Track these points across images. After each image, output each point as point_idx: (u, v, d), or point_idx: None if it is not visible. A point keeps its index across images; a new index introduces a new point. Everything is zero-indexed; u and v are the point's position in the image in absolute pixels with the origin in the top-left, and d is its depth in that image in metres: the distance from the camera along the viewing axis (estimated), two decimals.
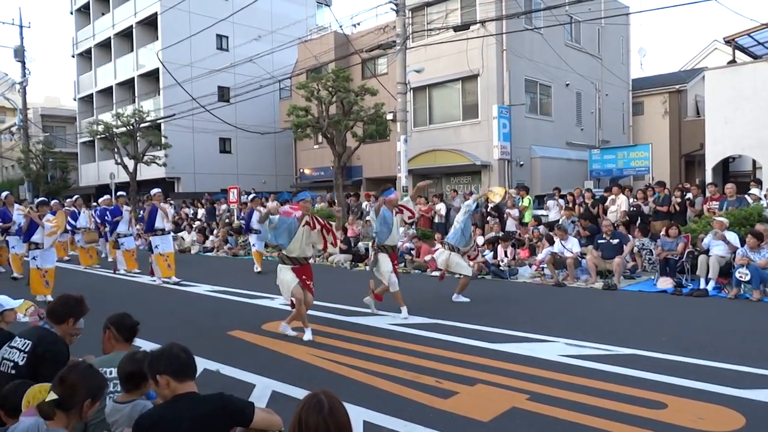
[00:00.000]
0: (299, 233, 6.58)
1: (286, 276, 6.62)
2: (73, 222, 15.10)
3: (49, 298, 9.07)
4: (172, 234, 12.55)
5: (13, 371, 3.14)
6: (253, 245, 13.46)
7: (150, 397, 2.90)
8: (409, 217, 8.20)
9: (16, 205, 12.86)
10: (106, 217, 14.07)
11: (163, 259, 11.43)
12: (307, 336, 6.53)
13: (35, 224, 9.66)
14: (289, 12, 33.12)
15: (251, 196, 14.28)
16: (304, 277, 6.63)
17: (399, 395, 4.71)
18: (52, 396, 2.43)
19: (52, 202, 13.53)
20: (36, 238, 9.69)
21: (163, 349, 2.63)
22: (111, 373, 3.01)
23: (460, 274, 8.91)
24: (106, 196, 15.92)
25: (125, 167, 27.11)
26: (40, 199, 10.38)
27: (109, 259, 15.60)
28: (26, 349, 3.21)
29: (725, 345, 6.07)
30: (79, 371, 2.54)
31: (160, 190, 12.39)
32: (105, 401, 2.93)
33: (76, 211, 15.45)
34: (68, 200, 18.02)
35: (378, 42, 19.07)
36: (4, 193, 13.26)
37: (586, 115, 23.19)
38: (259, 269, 12.94)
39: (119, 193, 14.76)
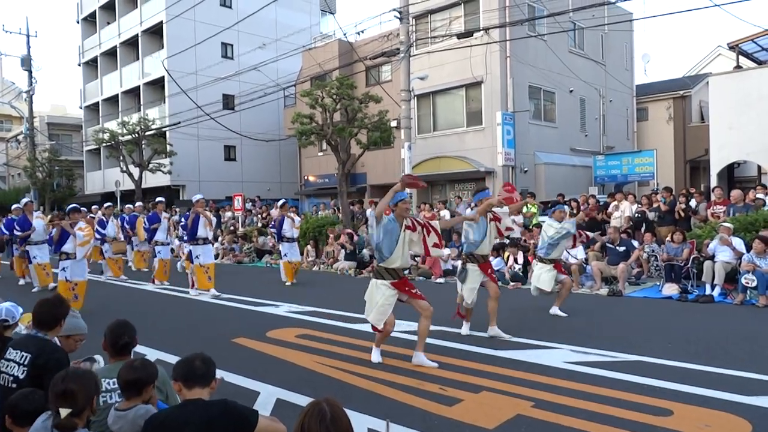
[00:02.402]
0: (401, 239, 5.69)
1: (384, 296, 5.65)
2: (102, 230, 14.39)
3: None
4: (212, 243, 11.80)
5: (14, 385, 3.08)
6: (285, 255, 12.30)
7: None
8: (507, 228, 7.28)
9: (36, 213, 12.33)
10: (144, 225, 13.32)
11: (203, 270, 10.63)
12: (376, 357, 5.87)
13: (66, 233, 8.93)
14: (294, 20, 33.31)
15: (281, 202, 13.10)
16: (407, 288, 5.75)
17: (403, 402, 4.70)
18: (65, 411, 2.48)
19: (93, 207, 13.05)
20: (67, 247, 8.98)
21: (186, 356, 2.77)
22: (111, 384, 3.04)
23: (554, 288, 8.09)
24: (139, 203, 15.45)
25: (130, 175, 27.25)
26: (72, 205, 9.51)
27: (134, 269, 14.98)
28: (25, 362, 3.15)
29: (731, 351, 6.03)
30: (74, 380, 2.58)
31: (202, 196, 11.46)
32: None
33: (105, 219, 14.65)
34: (94, 207, 17.69)
35: (382, 49, 19.14)
36: (24, 200, 12.60)
37: (590, 121, 23.18)
38: (289, 282, 12.08)
39: (158, 199, 13.79)
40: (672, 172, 23.71)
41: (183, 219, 11.94)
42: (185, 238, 11.52)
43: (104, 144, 29.30)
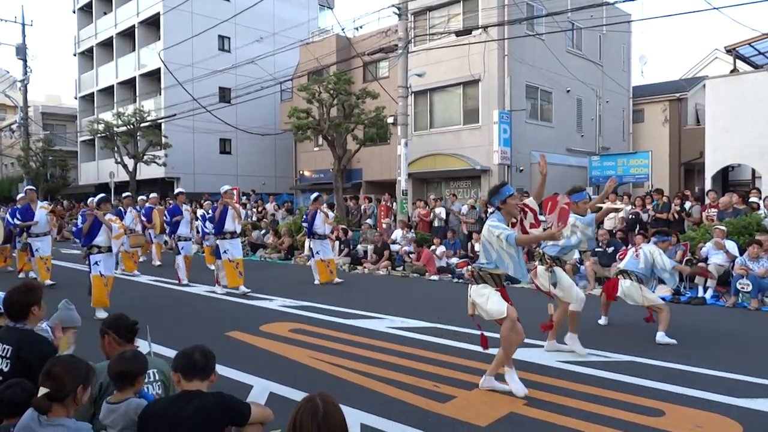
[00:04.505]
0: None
1: (492, 295, 4.87)
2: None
3: (102, 314, 7.95)
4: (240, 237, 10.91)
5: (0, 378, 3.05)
6: (317, 253, 11.43)
7: (143, 396, 2.92)
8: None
9: (40, 203, 11.68)
10: (165, 218, 12.58)
11: (233, 266, 9.97)
12: (516, 388, 4.75)
13: (97, 225, 8.20)
14: (292, 14, 33.19)
15: (314, 196, 11.98)
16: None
17: (397, 399, 4.70)
18: (44, 390, 2.48)
19: (89, 200, 11.99)
20: (99, 240, 8.28)
21: (186, 349, 2.78)
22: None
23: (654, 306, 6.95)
24: (153, 194, 14.92)
25: (125, 166, 27.13)
26: (101, 195, 8.88)
27: (157, 263, 14.26)
28: (7, 355, 3.11)
29: (723, 353, 6.07)
30: (62, 363, 2.60)
31: (230, 186, 10.62)
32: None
33: (122, 210, 13.84)
34: (91, 200, 17.12)
35: (380, 45, 19.10)
36: (26, 187, 11.80)
37: (586, 121, 23.22)
38: (319, 282, 11.22)
39: (178, 190, 12.89)
40: (667, 174, 23.79)
41: (211, 211, 11.29)
42: (214, 231, 10.86)
43: (99, 135, 29.15)
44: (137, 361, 2.90)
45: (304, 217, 12.34)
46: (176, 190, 12.87)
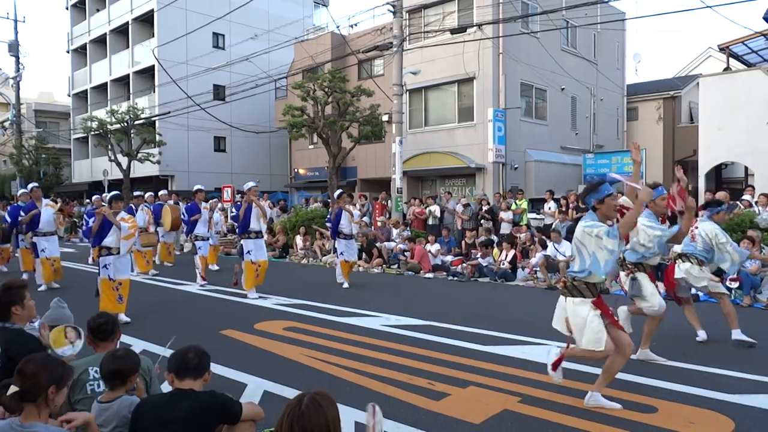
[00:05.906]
0: None
1: (591, 322, 4.31)
2: None
3: (123, 317, 7.49)
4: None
5: None
6: (341, 253, 10.82)
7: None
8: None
9: (45, 200, 11.23)
10: (182, 216, 12.12)
11: (254, 268, 9.47)
12: (605, 402, 4.44)
13: (107, 225, 7.80)
14: (286, 11, 33.13)
15: (338, 193, 11.31)
16: (609, 311, 4.49)
17: (391, 396, 4.70)
18: (14, 389, 2.38)
19: (94, 197, 11.37)
20: (109, 241, 7.80)
21: (181, 348, 2.79)
22: (98, 372, 3.02)
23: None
24: (163, 191, 14.41)
25: (119, 164, 27.02)
26: (114, 193, 8.49)
27: (159, 262, 13.89)
28: None
29: (716, 350, 6.11)
30: (36, 361, 2.48)
31: (255, 183, 9.99)
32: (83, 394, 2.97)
33: (133, 207, 13.21)
34: (96, 197, 16.75)
35: (375, 43, 19.08)
36: (31, 185, 11.57)
37: (580, 119, 23.28)
38: (347, 284, 10.69)
39: (197, 186, 12.34)
40: (660, 172, 23.90)
41: (235, 210, 11.03)
42: (238, 230, 10.33)
43: (92, 132, 29.03)
44: (129, 360, 2.89)
45: (327, 217, 11.82)
46: (195, 188, 12.31)
